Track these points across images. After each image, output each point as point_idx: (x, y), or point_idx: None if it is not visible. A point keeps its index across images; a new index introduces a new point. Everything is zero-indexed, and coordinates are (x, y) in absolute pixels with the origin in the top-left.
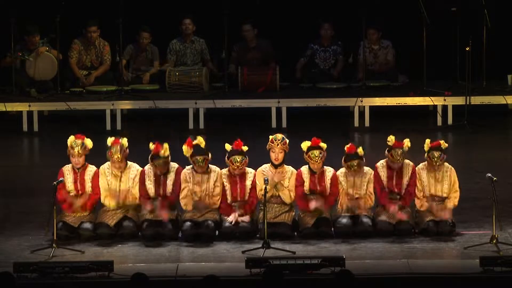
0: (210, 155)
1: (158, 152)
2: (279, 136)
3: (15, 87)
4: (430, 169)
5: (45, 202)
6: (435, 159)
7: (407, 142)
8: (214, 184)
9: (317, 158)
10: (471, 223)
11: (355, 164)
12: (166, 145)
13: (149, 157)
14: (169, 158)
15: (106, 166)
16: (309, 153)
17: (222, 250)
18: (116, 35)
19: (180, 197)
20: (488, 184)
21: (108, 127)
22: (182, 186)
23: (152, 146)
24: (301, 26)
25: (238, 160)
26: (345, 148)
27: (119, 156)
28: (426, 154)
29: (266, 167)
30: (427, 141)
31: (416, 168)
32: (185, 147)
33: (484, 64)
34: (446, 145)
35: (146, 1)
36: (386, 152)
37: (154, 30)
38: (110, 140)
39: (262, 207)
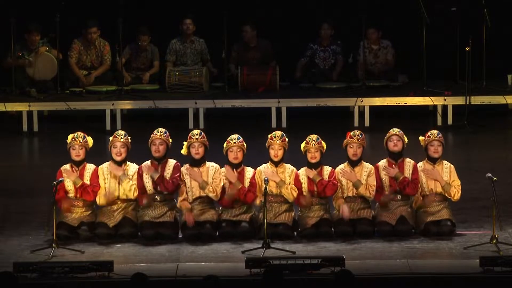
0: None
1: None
2: (278, 133)
3: (15, 87)
4: (429, 165)
5: (45, 202)
6: (433, 135)
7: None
8: (212, 178)
9: (314, 142)
10: (471, 223)
11: (357, 133)
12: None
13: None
14: (168, 138)
15: (105, 166)
16: (307, 138)
17: (222, 250)
18: (116, 35)
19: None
20: (488, 184)
21: (108, 127)
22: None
23: None
24: (301, 26)
25: (235, 137)
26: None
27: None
28: (424, 144)
29: (265, 166)
30: (421, 137)
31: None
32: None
33: (484, 64)
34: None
35: (146, 1)
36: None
37: (154, 30)
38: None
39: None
